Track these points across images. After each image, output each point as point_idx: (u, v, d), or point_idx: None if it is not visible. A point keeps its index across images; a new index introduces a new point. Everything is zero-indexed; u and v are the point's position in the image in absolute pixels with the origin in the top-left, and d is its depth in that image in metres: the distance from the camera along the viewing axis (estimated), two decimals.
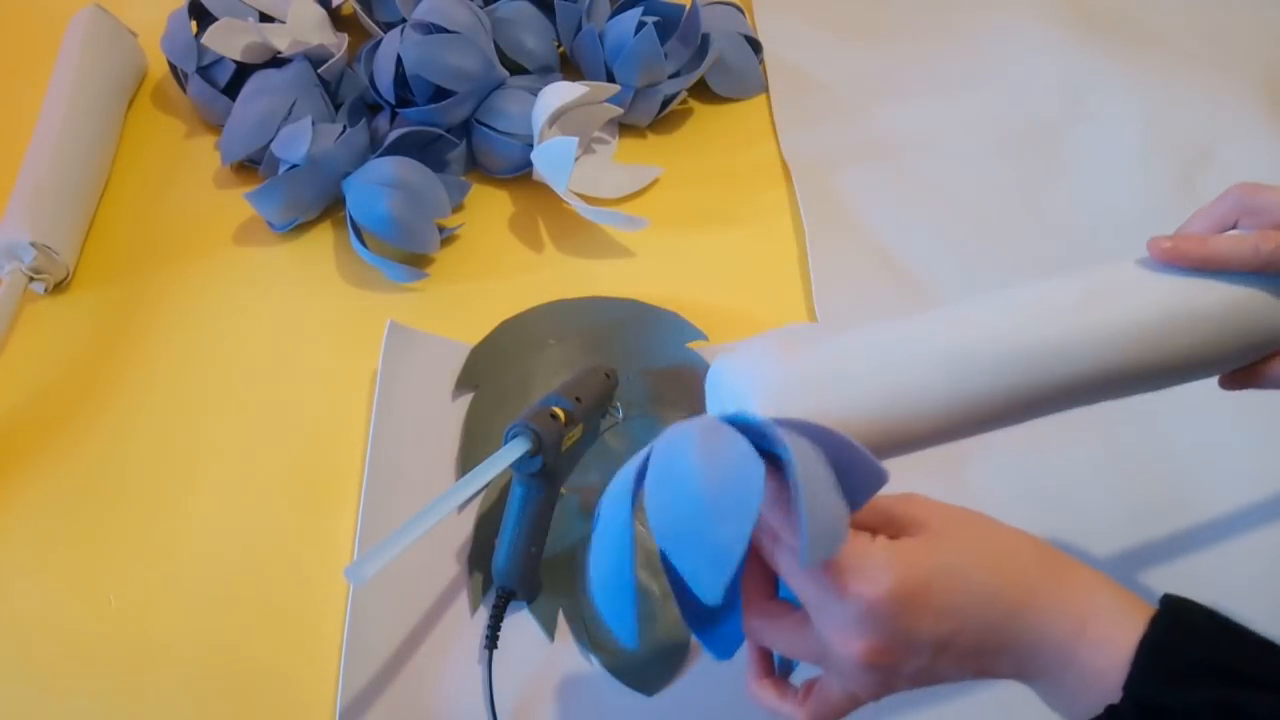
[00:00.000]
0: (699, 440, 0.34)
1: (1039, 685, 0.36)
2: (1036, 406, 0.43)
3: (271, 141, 0.70)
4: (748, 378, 0.42)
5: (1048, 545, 0.37)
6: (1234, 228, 0.44)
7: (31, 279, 0.65)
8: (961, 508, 0.38)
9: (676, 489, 0.34)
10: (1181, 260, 0.43)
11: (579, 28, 0.78)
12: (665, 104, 0.77)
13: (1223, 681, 0.33)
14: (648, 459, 0.35)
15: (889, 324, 0.43)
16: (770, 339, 0.44)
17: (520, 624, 0.52)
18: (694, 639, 0.51)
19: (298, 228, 0.71)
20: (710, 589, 0.33)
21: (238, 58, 0.73)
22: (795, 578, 0.37)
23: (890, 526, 0.37)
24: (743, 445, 0.34)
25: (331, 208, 0.72)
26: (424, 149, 0.72)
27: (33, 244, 0.64)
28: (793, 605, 0.38)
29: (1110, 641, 0.34)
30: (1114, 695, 0.34)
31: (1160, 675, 0.33)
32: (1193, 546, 0.54)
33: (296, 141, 0.67)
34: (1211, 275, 0.43)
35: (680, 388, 0.61)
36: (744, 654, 0.41)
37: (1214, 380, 0.60)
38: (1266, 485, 0.57)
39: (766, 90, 0.81)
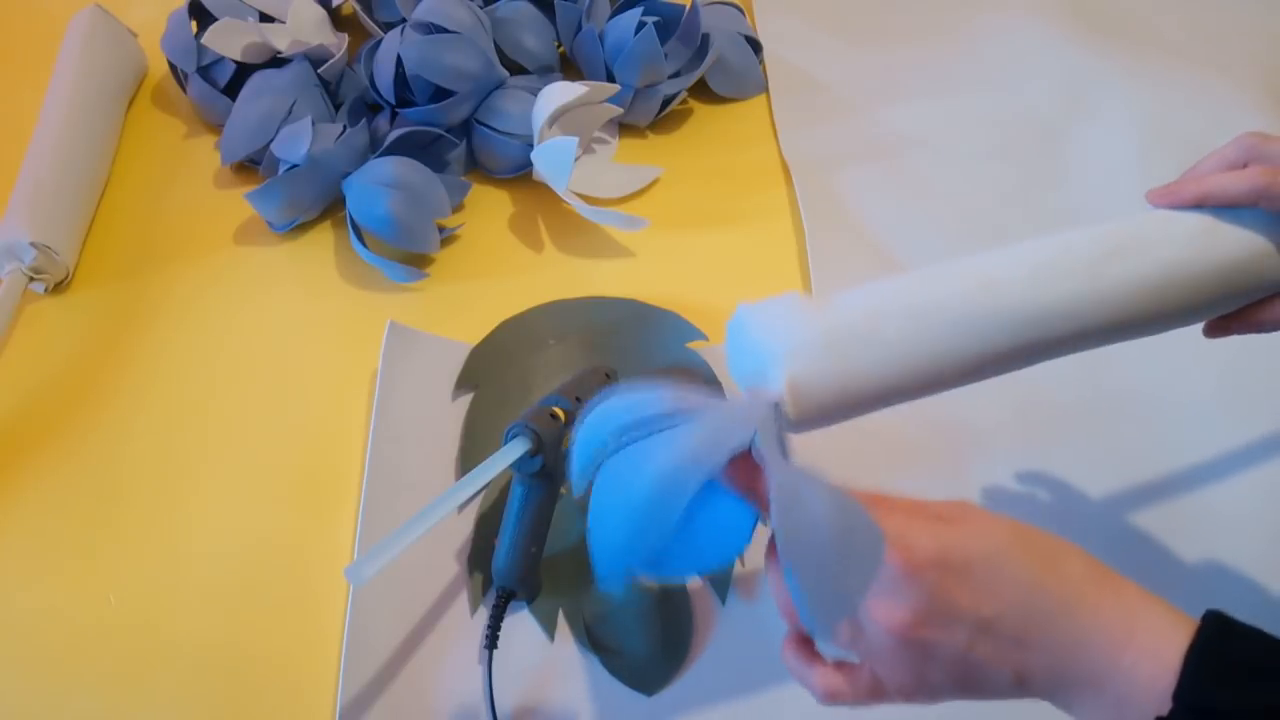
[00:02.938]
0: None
1: (1075, 698, 0.35)
2: (1050, 354, 0.44)
3: (271, 141, 0.70)
4: (775, 337, 0.42)
5: (1096, 559, 0.37)
6: None
7: (31, 279, 0.65)
8: (1015, 521, 0.38)
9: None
10: (1176, 199, 0.44)
11: (579, 28, 0.78)
12: (665, 104, 0.77)
13: (1277, 684, 0.33)
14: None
15: (910, 281, 0.44)
16: (793, 299, 0.44)
17: (520, 624, 0.52)
18: (694, 640, 0.52)
19: (298, 228, 0.71)
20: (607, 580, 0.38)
21: (238, 58, 0.73)
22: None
23: (944, 519, 0.37)
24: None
25: (331, 208, 0.72)
26: (424, 149, 0.72)
27: (33, 244, 0.64)
28: None
29: (1158, 650, 0.34)
30: (1161, 705, 0.33)
31: (1212, 679, 0.33)
32: (1192, 545, 0.54)
33: (296, 141, 0.68)
34: (1216, 219, 0.44)
35: None
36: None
37: (1215, 377, 0.61)
38: (1266, 481, 0.57)
39: (766, 90, 0.81)
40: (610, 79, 0.77)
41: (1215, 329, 0.47)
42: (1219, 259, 0.43)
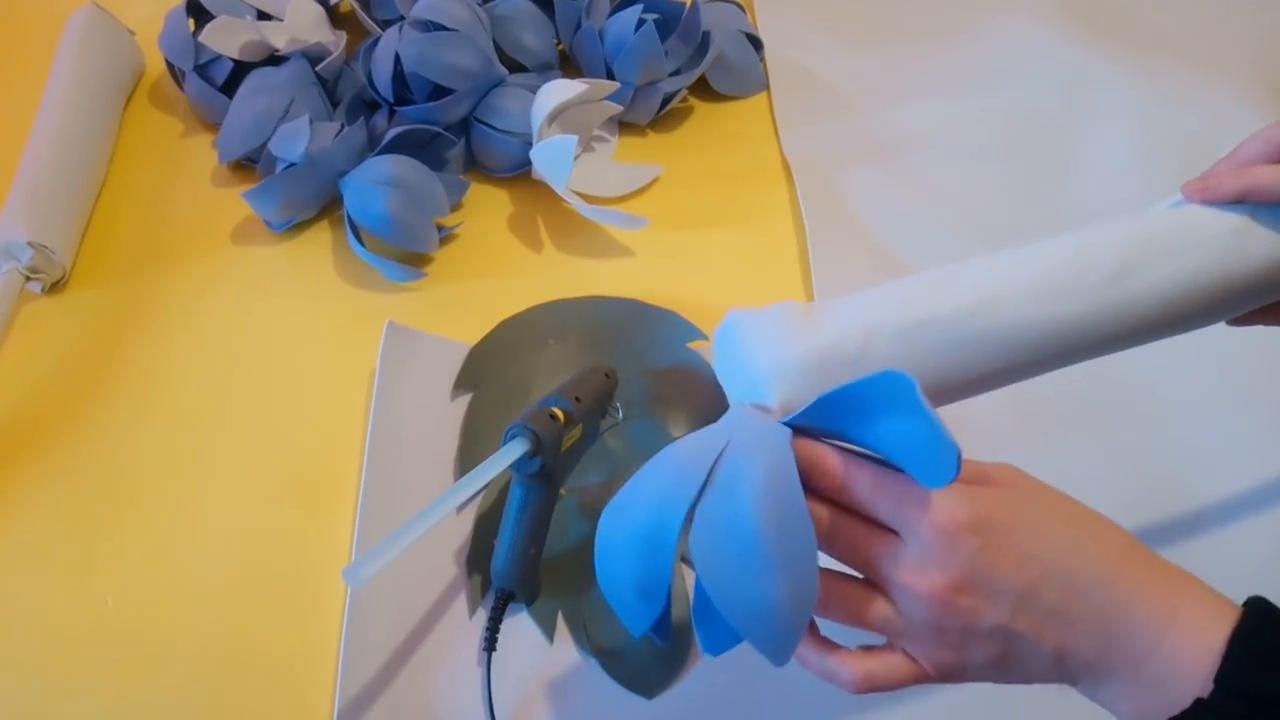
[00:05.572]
0: (761, 494, 0.35)
1: (1111, 679, 0.34)
2: (1052, 369, 0.43)
3: (269, 140, 0.70)
4: (766, 354, 0.41)
5: (1134, 537, 0.36)
6: None
7: (28, 278, 0.65)
8: (1055, 488, 0.37)
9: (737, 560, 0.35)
10: (1214, 195, 0.41)
11: (579, 25, 0.78)
12: (665, 102, 0.77)
13: None
14: (703, 484, 0.36)
15: (906, 293, 0.42)
16: (786, 312, 0.42)
17: (519, 626, 0.52)
18: (694, 642, 0.51)
19: (295, 227, 0.71)
20: (779, 655, 0.35)
21: (235, 56, 0.73)
22: (860, 530, 0.36)
23: (981, 481, 0.36)
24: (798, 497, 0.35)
25: (329, 207, 0.72)
26: (422, 147, 0.72)
27: (29, 243, 0.64)
28: (850, 576, 0.37)
29: (1201, 633, 0.33)
30: (1202, 688, 0.32)
31: (1256, 665, 0.32)
32: (1193, 546, 0.54)
33: (294, 140, 0.67)
34: (1250, 219, 0.41)
35: (680, 388, 0.60)
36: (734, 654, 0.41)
37: (1216, 377, 0.61)
38: (1268, 482, 0.57)
39: (767, 88, 0.81)
40: (610, 77, 0.76)
41: (1241, 321, 0.45)
42: (1250, 264, 0.41)
